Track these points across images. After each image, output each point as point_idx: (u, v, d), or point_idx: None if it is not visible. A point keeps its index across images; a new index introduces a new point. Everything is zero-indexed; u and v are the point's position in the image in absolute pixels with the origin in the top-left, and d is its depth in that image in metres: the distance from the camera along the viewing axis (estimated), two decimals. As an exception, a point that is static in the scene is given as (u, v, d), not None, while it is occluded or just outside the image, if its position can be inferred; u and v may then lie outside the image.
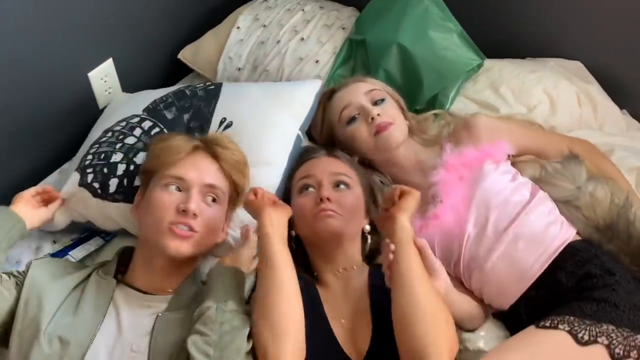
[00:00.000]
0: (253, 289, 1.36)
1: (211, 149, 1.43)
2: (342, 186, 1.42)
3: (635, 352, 1.20)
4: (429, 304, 1.18)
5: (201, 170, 1.38)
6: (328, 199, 1.37)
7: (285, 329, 1.16)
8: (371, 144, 1.56)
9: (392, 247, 1.26)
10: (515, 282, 1.39)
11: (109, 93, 1.91)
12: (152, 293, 1.34)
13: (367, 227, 1.46)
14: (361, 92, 1.60)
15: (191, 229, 1.33)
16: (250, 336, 1.19)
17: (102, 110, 1.87)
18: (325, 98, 1.68)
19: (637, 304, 1.28)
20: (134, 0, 1.89)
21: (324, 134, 1.67)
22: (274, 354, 1.14)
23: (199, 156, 1.41)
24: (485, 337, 1.40)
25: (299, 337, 1.18)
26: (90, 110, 1.89)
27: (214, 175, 1.40)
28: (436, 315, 1.17)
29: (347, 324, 1.31)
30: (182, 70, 2.11)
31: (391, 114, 1.58)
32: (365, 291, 1.35)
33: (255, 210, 1.31)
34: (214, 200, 1.39)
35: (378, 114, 1.55)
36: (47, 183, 1.78)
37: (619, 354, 1.19)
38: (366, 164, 1.59)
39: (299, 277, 1.26)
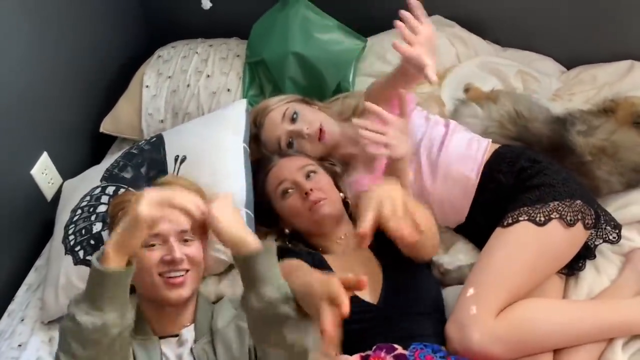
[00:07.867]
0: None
1: None
2: (312, 174, 1.60)
3: (579, 214, 1.48)
4: None
5: (171, 220, 1.47)
6: (311, 189, 1.54)
7: None
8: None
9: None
10: (461, 197, 1.63)
11: (52, 184, 2.01)
12: (178, 333, 1.46)
13: (342, 195, 1.65)
14: (285, 119, 1.78)
15: (184, 270, 1.44)
16: None
17: (50, 202, 1.98)
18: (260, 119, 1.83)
19: (566, 177, 1.57)
20: (52, 89, 2.00)
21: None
22: None
23: None
24: (458, 254, 1.65)
25: None
26: (41, 205, 1.98)
27: (184, 220, 1.48)
28: None
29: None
30: (107, 141, 2.24)
31: (311, 118, 1.77)
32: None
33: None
34: (189, 240, 1.48)
35: (307, 128, 1.74)
36: (26, 284, 1.84)
37: (571, 220, 1.46)
38: None
39: (305, 255, 1.44)
